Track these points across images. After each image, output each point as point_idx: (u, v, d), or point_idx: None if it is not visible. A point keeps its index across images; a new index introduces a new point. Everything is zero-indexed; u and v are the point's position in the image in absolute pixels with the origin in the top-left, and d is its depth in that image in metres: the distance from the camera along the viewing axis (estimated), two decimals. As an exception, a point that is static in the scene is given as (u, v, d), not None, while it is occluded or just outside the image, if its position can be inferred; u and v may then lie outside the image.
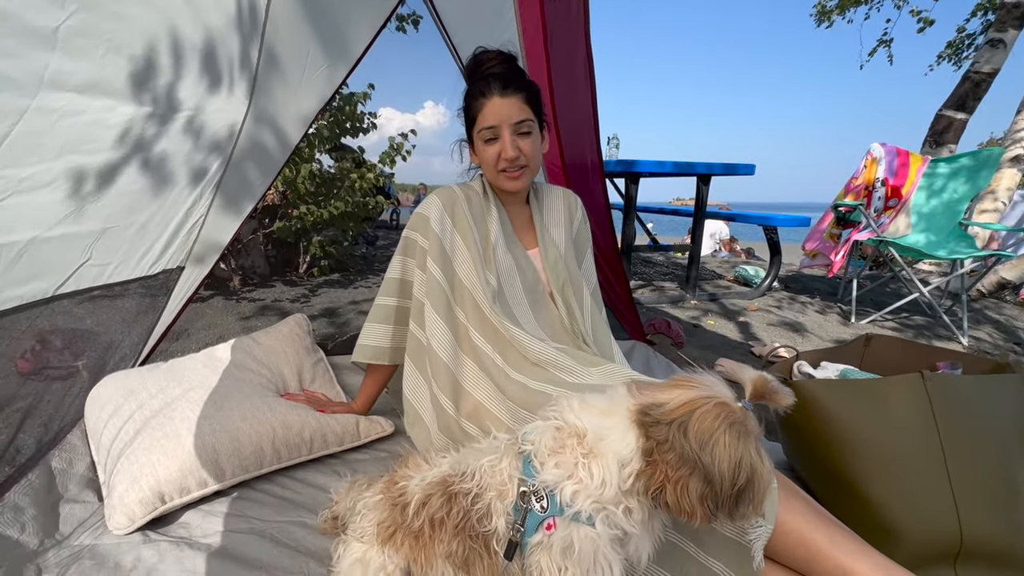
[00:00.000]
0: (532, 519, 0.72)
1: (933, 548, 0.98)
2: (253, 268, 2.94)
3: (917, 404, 1.01)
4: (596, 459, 0.70)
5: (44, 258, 0.90)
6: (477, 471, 0.78)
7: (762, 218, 3.63)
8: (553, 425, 0.77)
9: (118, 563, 0.92)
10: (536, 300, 1.33)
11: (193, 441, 1.10)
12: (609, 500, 0.70)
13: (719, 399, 0.69)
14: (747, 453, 0.65)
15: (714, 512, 0.66)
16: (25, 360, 1.72)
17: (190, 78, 1.08)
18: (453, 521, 0.77)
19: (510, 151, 1.17)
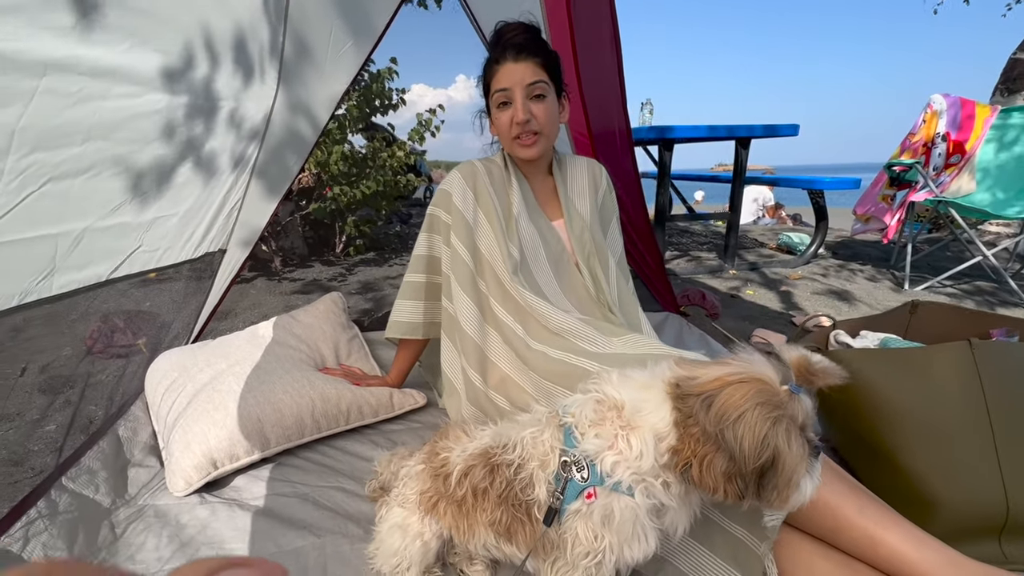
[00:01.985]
0: (572, 488, 0.73)
1: (977, 521, 0.94)
2: (292, 249, 3.05)
3: (963, 374, 0.96)
4: (634, 431, 0.71)
5: (99, 246, 0.98)
6: (519, 443, 0.80)
7: (807, 181, 3.43)
8: (594, 398, 0.77)
9: (177, 520, 1.01)
10: (561, 270, 1.33)
11: (240, 412, 1.18)
12: (647, 472, 0.70)
13: (756, 376, 0.66)
14: (773, 434, 0.63)
15: (743, 491, 0.65)
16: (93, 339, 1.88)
17: (226, 71, 1.12)
18: (496, 491, 0.79)
19: (521, 114, 1.15)
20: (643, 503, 0.71)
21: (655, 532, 0.74)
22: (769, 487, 0.66)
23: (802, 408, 0.67)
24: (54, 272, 0.92)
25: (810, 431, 0.69)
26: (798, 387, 0.68)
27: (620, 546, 0.72)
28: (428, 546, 0.85)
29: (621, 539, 0.72)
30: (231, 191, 1.41)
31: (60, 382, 1.60)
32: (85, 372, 1.69)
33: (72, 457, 1.07)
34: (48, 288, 0.93)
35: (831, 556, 0.81)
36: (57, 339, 1.95)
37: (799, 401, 0.67)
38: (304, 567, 0.91)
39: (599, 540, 0.73)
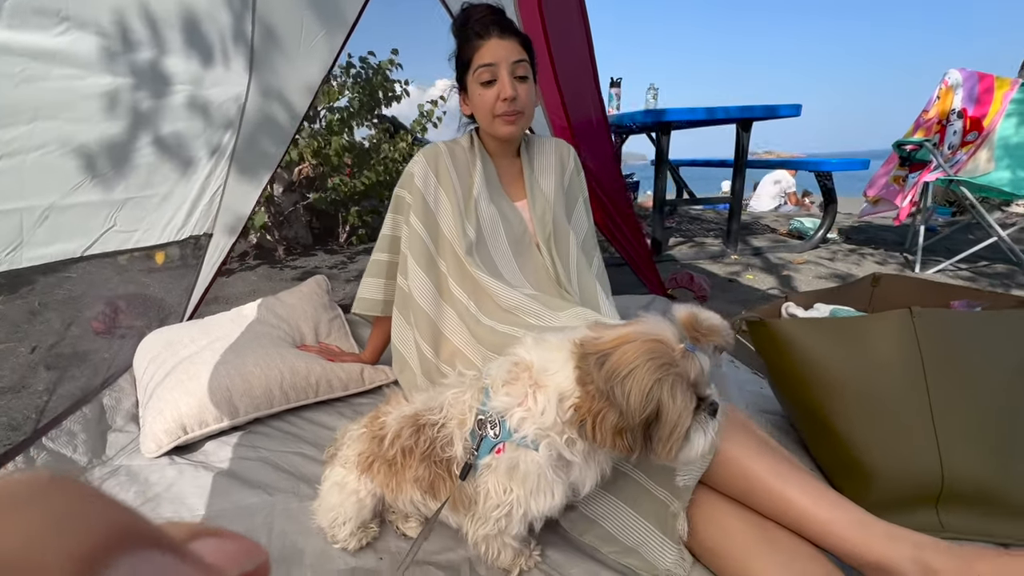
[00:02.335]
0: (485, 444, 0.77)
1: (913, 490, 0.93)
2: (296, 239, 3.16)
3: (902, 341, 0.95)
4: (541, 389, 0.74)
5: (66, 224, 1.06)
6: (444, 404, 0.84)
7: (814, 163, 3.34)
8: (511, 360, 0.81)
9: (147, 479, 1.09)
10: (522, 250, 1.35)
11: (210, 382, 1.26)
12: (550, 427, 0.73)
13: (653, 336, 0.69)
14: (658, 389, 0.64)
15: (631, 445, 0.67)
16: (98, 321, 2.00)
17: (176, 54, 1.18)
18: (420, 449, 0.83)
19: (508, 90, 1.16)
20: (547, 457, 0.74)
21: (562, 486, 0.77)
22: (656, 440, 0.68)
23: (695, 366, 0.69)
24: (22, 245, 1.00)
25: (704, 389, 0.71)
26: (693, 346, 0.70)
27: (527, 498, 0.76)
28: (363, 503, 0.90)
29: (527, 491, 0.75)
30: (211, 176, 1.49)
31: (64, 359, 1.72)
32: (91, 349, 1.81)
33: (54, 420, 1.16)
34: (19, 260, 1.01)
35: (745, 517, 0.82)
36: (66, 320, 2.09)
37: (693, 359, 0.69)
38: (254, 521, 0.98)
39: (507, 493, 0.76)
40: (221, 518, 0.98)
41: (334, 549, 0.91)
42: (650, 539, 0.87)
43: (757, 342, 1.10)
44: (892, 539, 0.72)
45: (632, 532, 0.89)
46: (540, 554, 0.88)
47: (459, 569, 0.86)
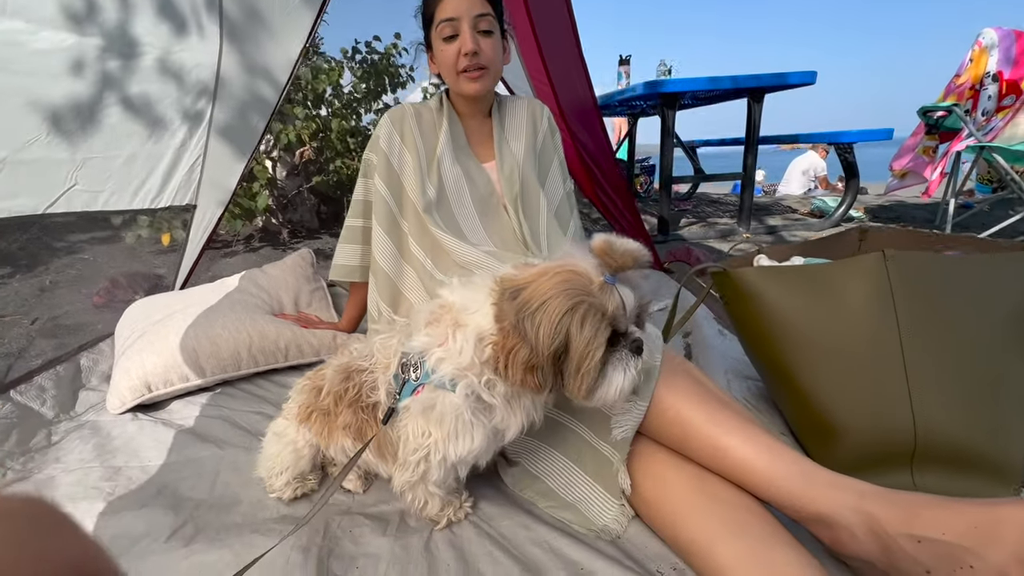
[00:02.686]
0: (408, 388, 0.75)
1: (884, 448, 0.85)
2: (302, 222, 3.20)
3: (872, 288, 0.87)
4: (461, 329, 0.71)
5: (23, 178, 1.08)
6: (372, 352, 0.83)
7: (833, 135, 3.16)
8: (436, 302, 0.78)
9: (108, 433, 1.11)
10: (488, 211, 1.31)
11: (179, 343, 1.27)
12: (467, 367, 0.70)
13: (569, 268, 0.65)
14: (568, 320, 0.61)
15: (542, 381, 0.63)
16: (99, 296, 2.07)
17: (145, 17, 1.19)
18: (349, 395, 0.82)
19: (469, 43, 1.13)
20: (464, 399, 0.71)
21: (483, 430, 0.73)
22: (568, 376, 0.64)
23: (614, 299, 0.64)
24: None
25: (625, 324, 0.66)
26: (613, 277, 0.65)
27: (444, 442, 0.72)
28: (300, 453, 0.89)
29: (444, 434, 0.72)
30: (187, 144, 1.50)
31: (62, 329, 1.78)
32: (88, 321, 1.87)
33: (25, 376, 1.20)
34: None
35: (684, 467, 0.76)
36: (73, 296, 2.18)
37: (612, 291, 0.64)
38: (201, 472, 0.98)
39: (425, 437, 0.73)
40: (170, 469, 0.99)
41: (270, 499, 0.90)
42: (592, 495, 0.83)
43: (723, 294, 1.03)
44: (834, 488, 0.66)
45: (575, 488, 0.85)
46: (472, 506, 0.85)
47: (389, 520, 0.84)
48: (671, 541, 0.73)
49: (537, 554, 0.75)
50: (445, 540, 0.79)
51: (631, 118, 4.70)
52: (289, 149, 2.90)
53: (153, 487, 0.94)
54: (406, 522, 0.83)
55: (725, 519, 0.69)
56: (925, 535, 0.59)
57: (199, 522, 0.84)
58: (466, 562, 0.74)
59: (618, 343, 0.66)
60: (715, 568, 0.65)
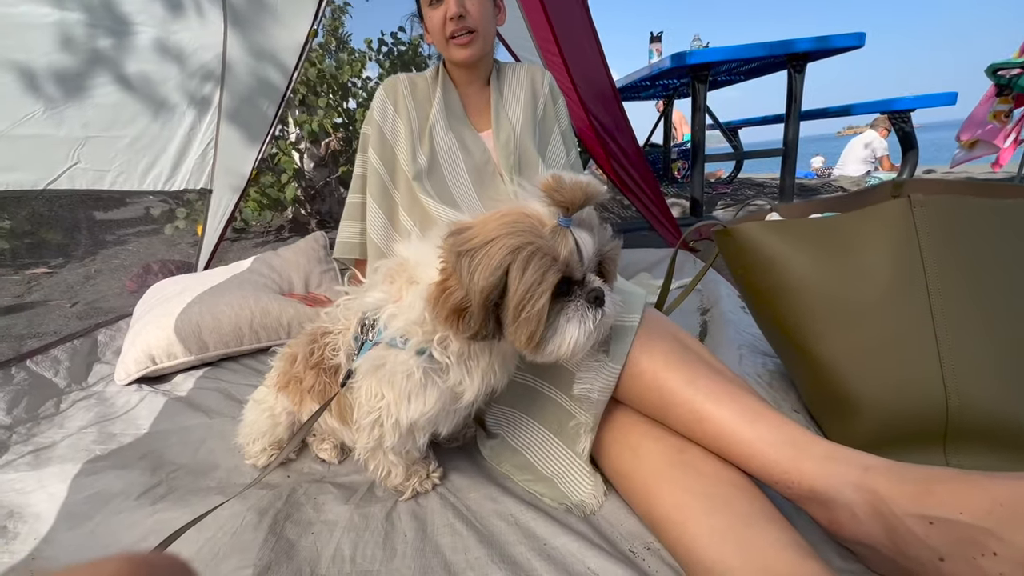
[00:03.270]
0: (365, 348, 0.71)
1: (912, 424, 0.74)
2: (330, 212, 3.27)
3: (896, 240, 0.76)
4: (413, 286, 0.67)
5: (21, 153, 1.12)
6: (337, 315, 0.80)
7: (885, 103, 2.88)
8: (395, 260, 0.75)
9: (112, 402, 1.15)
10: (483, 180, 1.27)
11: (182, 318, 1.30)
12: (417, 322, 0.65)
13: (520, 210, 0.60)
14: (506, 261, 0.55)
15: (468, 327, 0.58)
16: (132, 282, 2.17)
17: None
18: (314, 359, 0.80)
19: (454, 7, 1.10)
20: (415, 355, 0.66)
21: (436, 392, 0.68)
22: (505, 323, 0.58)
23: (567, 243, 0.58)
24: None
25: (579, 271, 0.59)
26: (568, 220, 0.59)
27: (396, 404, 0.68)
28: (277, 420, 0.87)
29: (396, 395, 0.68)
30: (195, 129, 1.54)
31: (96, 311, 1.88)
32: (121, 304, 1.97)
33: (43, 347, 1.26)
34: None
35: (663, 438, 0.68)
36: (113, 284, 2.31)
37: (565, 235, 0.58)
38: (187, 439, 0.99)
39: (378, 399, 0.69)
40: (160, 436, 1.00)
41: (246, 465, 0.89)
42: (570, 469, 0.77)
43: (727, 257, 0.93)
44: (831, 461, 0.56)
45: (553, 461, 0.79)
46: (441, 478, 0.80)
47: (356, 490, 0.80)
48: (645, 517, 0.66)
49: (500, 527, 0.69)
50: (408, 511, 0.75)
51: (666, 100, 4.51)
52: (315, 140, 2.96)
53: (139, 451, 0.95)
54: (373, 492, 0.80)
55: (702, 493, 0.60)
56: (938, 515, 0.49)
57: (173, 484, 0.84)
58: (425, 532, 0.70)
59: (572, 292, 0.59)
60: (686, 545, 0.57)
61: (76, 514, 0.77)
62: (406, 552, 0.66)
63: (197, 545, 0.67)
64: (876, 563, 0.56)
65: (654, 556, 0.62)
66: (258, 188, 2.81)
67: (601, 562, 0.61)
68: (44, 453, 0.95)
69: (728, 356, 1.09)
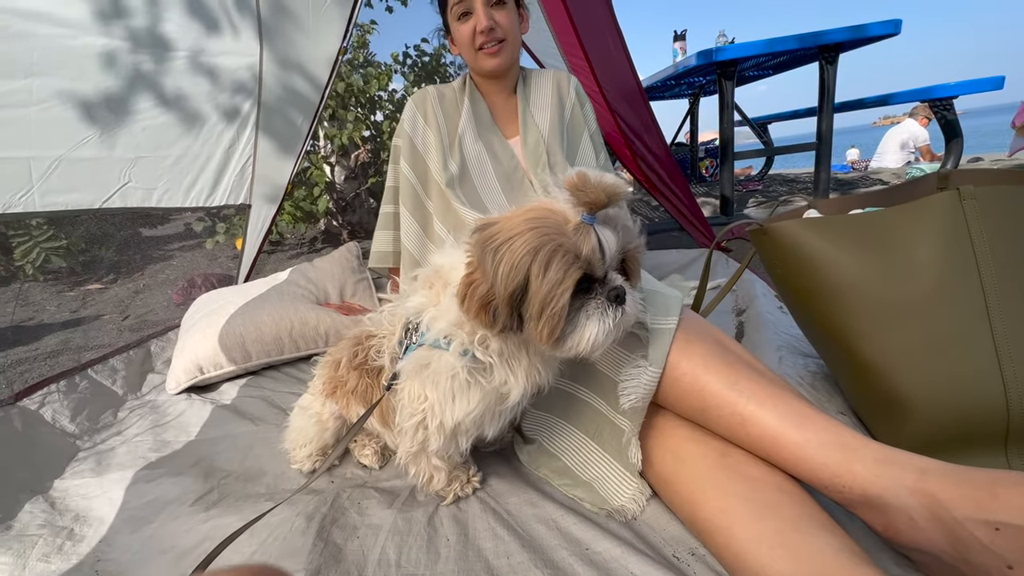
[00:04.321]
0: (410, 351, 0.73)
1: (969, 425, 0.71)
2: (360, 223, 3.35)
3: (946, 235, 0.73)
4: (450, 287, 0.68)
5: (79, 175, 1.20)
6: (381, 319, 0.82)
7: (925, 90, 2.77)
8: (432, 266, 0.76)
9: (164, 411, 1.20)
10: (513, 186, 1.28)
11: (226, 329, 1.35)
12: (455, 322, 0.67)
13: (545, 207, 0.60)
14: (529, 260, 0.55)
15: (494, 321, 0.58)
16: (178, 295, 2.27)
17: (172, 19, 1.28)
18: (357, 361, 0.82)
19: (484, 21, 1.14)
20: (457, 356, 0.67)
21: (480, 392, 0.69)
22: (527, 319, 0.58)
23: (590, 240, 0.58)
24: (34, 192, 1.15)
25: (601, 269, 0.59)
26: (591, 217, 0.58)
27: (441, 405, 0.69)
28: (324, 425, 0.89)
29: (440, 396, 0.69)
30: (235, 145, 1.61)
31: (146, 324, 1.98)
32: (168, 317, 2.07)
33: (102, 357, 1.33)
34: (32, 203, 1.16)
35: (706, 442, 0.67)
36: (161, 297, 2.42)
37: (588, 232, 0.58)
38: (235, 446, 1.03)
39: (421, 400, 0.71)
40: (209, 443, 1.05)
41: (292, 470, 0.92)
42: (610, 474, 0.77)
43: (764, 257, 0.91)
44: (885, 464, 0.54)
45: (592, 466, 0.79)
46: (481, 482, 0.81)
47: (399, 495, 0.82)
48: (689, 522, 0.65)
49: (541, 532, 0.70)
50: (450, 515, 0.76)
51: (692, 97, 4.44)
52: (345, 153, 3.04)
53: (192, 457, 0.99)
54: (415, 497, 0.81)
55: (748, 498, 0.59)
56: (1006, 521, 0.46)
57: (224, 490, 0.87)
58: (467, 537, 0.71)
59: (593, 290, 0.59)
60: (734, 552, 0.56)
61: (136, 518, 0.81)
62: (449, 556, 0.67)
63: (251, 549, 0.70)
64: (937, 570, 0.53)
65: (699, 562, 0.62)
66: (292, 201, 2.90)
67: (645, 567, 0.60)
68: (105, 459, 1.00)
69: (767, 358, 1.06)
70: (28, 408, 1.09)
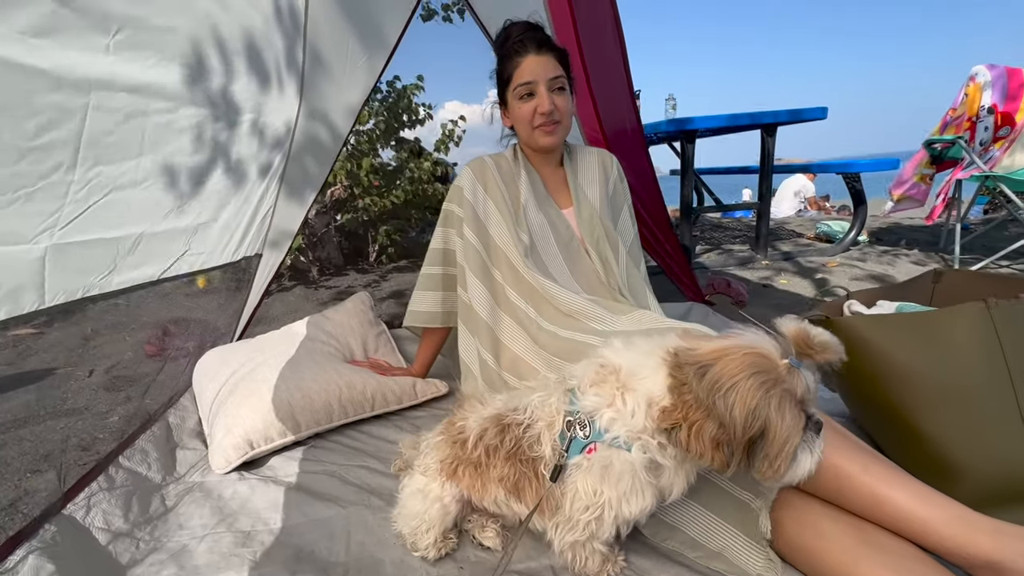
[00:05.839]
0: (575, 445, 0.76)
1: (1005, 486, 0.90)
2: (329, 259, 3.22)
3: (980, 334, 0.93)
4: (630, 392, 0.73)
5: (153, 249, 1.10)
6: (528, 405, 0.83)
7: (841, 165, 3.31)
8: (597, 362, 0.80)
9: (220, 495, 1.10)
10: (571, 255, 1.36)
11: (273, 398, 1.28)
12: (640, 430, 0.71)
13: (754, 349, 0.66)
14: (765, 404, 0.62)
15: (729, 459, 0.65)
16: (151, 344, 2.05)
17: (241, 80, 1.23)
18: (506, 448, 0.82)
19: (546, 104, 1.22)
20: (640, 459, 0.73)
21: (652, 489, 0.75)
22: (759, 457, 0.65)
23: (801, 382, 0.66)
24: (114, 271, 1.04)
25: (810, 406, 0.68)
26: (799, 361, 0.66)
27: (619, 500, 0.74)
28: (447, 509, 0.89)
29: (619, 493, 0.74)
30: (263, 199, 1.53)
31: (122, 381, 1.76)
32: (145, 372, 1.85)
33: (128, 440, 1.19)
34: (108, 284, 1.05)
35: (840, 518, 0.80)
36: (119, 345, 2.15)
37: (798, 375, 0.66)
38: (331, 533, 0.98)
39: (598, 495, 0.75)
40: (298, 530, 0.99)
41: (413, 558, 0.91)
42: (735, 542, 0.86)
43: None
44: (999, 534, 0.70)
45: (716, 536, 0.88)
46: (625, 560, 0.87)
47: None
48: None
49: (704, 607, 0.77)
50: (606, 596, 0.80)
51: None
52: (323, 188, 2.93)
53: (289, 550, 0.94)
54: (558, 577, 0.85)
55: (894, 567, 0.72)
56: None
57: (355, 587, 0.84)
58: (634, 617, 0.76)
59: (805, 424, 0.69)
60: None
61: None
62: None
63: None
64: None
65: (853, 625, 0.73)
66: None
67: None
68: (185, 561, 0.91)
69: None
70: (75, 517, 0.95)
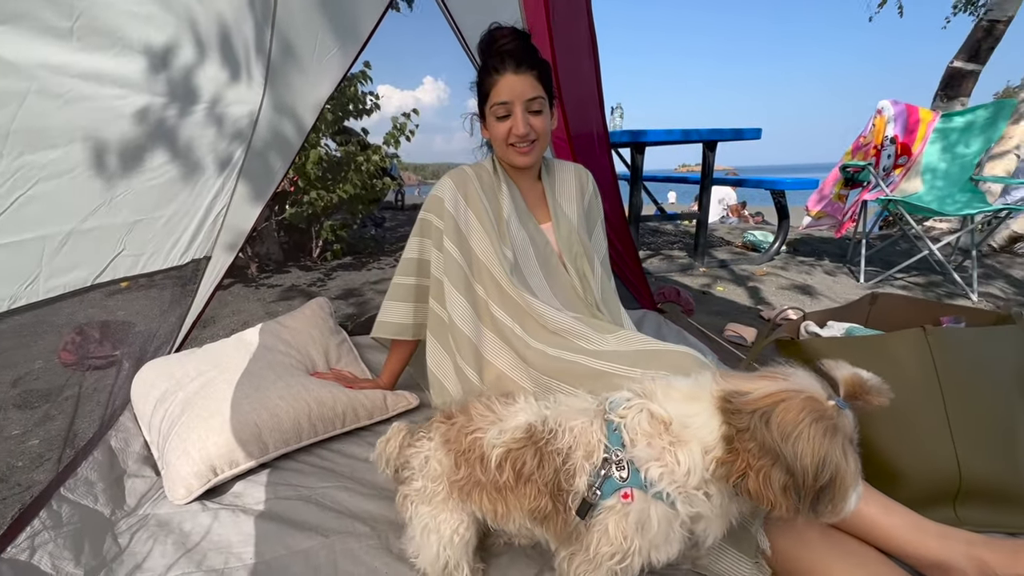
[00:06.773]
0: (609, 484, 0.74)
1: (935, 489, 1.04)
2: (268, 255, 3.01)
3: (919, 357, 1.06)
4: (683, 446, 0.71)
5: (82, 249, 0.96)
6: (568, 431, 0.79)
7: (770, 183, 3.61)
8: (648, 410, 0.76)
9: (180, 528, 1.01)
10: (550, 271, 1.38)
11: (237, 418, 1.18)
12: (692, 486, 0.71)
13: (808, 393, 0.68)
14: (832, 451, 0.64)
15: (798, 505, 0.66)
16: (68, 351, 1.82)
17: (211, 68, 1.12)
18: (544, 478, 0.78)
19: (521, 127, 1.21)
20: (684, 513, 0.72)
21: (682, 538, 0.75)
22: (825, 501, 0.67)
23: (849, 423, 0.69)
24: (40, 276, 0.91)
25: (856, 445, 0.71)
26: (845, 403, 0.70)
27: (648, 549, 0.73)
28: (467, 542, 0.85)
29: (649, 542, 0.73)
30: (218, 196, 1.40)
31: (36, 396, 1.55)
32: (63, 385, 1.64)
33: (68, 468, 1.05)
34: (35, 293, 0.92)
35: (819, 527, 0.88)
36: (26, 352, 1.88)
37: (846, 416, 0.69)
38: (316, 566, 0.93)
39: (628, 541, 0.73)
40: (278, 564, 0.93)
41: (410, 586, 0.88)
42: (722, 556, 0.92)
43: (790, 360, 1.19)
44: (945, 538, 0.81)
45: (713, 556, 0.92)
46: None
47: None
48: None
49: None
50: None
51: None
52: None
53: (274, 589, 0.88)
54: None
55: (863, 569, 0.82)
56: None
57: (353, 625, 0.81)
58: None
59: None
60: None
61: None
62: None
63: None
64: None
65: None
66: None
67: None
68: (152, 608, 0.82)
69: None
70: (19, 560, 0.83)
